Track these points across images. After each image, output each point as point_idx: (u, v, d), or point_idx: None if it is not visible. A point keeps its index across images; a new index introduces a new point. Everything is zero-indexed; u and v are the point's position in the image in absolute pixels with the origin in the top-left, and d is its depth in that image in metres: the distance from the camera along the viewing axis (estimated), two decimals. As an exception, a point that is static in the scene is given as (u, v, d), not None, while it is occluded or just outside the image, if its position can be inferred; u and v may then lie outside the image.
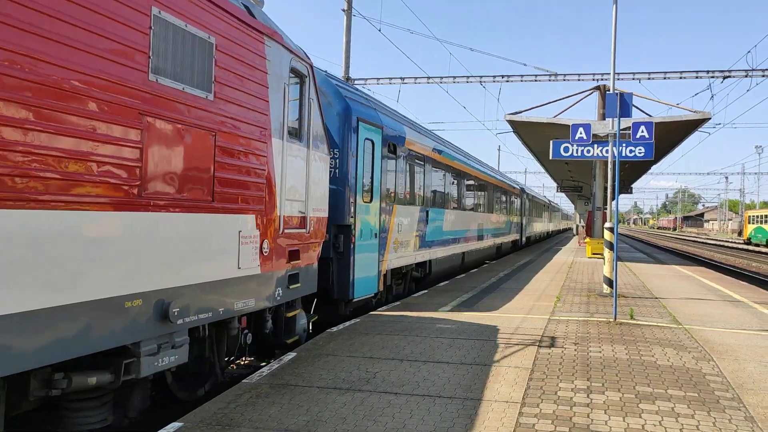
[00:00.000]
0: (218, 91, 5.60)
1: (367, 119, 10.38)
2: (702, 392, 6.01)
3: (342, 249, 9.64)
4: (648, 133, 11.77)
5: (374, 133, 10.66)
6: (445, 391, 5.86)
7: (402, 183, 12.34)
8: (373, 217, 10.51)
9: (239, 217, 5.96)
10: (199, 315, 5.45)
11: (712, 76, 25.62)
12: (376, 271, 10.72)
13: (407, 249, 12.66)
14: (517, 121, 23.96)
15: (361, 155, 10.11)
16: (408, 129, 13.09)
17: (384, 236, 11.06)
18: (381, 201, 10.88)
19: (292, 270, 7.17)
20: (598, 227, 25.92)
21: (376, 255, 10.69)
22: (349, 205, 9.64)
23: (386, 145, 11.30)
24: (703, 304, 12.29)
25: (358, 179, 9.96)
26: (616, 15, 14.96)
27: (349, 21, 23.16)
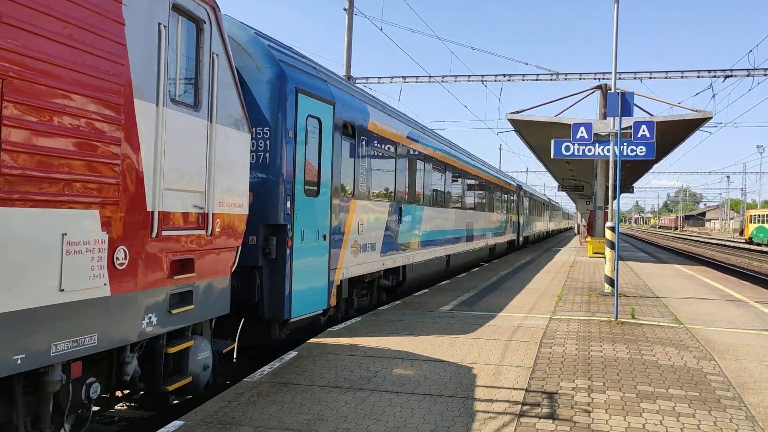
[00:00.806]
0: (4, 12, 3.66)
1: (312, 92, 8.34)
2: (703, 392, 6.01)
3: (275, 255, 7.54)
4: (649, 132, 11.77)
5: (323, 110, 8.58)
6: (446, 391, 5.87)
7: (365, 174, 10.25)
8: (320, 215, 8.49)
9: (62, 212, 4.05)
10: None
11: (714, 76, 25.61)
12: (325, 281, 8.61)
13: (373, 253, 10.68)
14: (519, 120, 23.95)
15: (303, 137, 8.05)
16: (373, 109, 11.02)
17: (338, 238, 9.08)
18: (333, 195, 8.86)
19: (178, 287, 5.19)
20: (599, 226, 25.91)
21: (325, 261, 8.61)
22: (283, 200, 7.63)
23: (342, 127, 9.21)
24: (704, 304, 12.29)
25: (298, 167, 7.91)
26: (617, 14, 14.94)
27: (350, 20, 23.15)
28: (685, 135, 25.92)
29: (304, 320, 8.20)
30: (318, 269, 8.45)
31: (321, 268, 8.55)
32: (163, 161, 4.98)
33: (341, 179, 9.23)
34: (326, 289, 8.69)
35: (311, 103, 8.32)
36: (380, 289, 11.97)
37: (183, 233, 5.30)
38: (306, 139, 8.16)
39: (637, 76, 26.21)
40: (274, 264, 7.58)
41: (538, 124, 23.81)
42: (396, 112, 13.36)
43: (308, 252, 8.16)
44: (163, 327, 5.07)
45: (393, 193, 11.92)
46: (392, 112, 12.89)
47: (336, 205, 9.01)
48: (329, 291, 8.79)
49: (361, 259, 10.07)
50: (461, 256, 18.47)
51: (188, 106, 5.43)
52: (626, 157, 12.72)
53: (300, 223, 7.93)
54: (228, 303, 6.13)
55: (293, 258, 7.72)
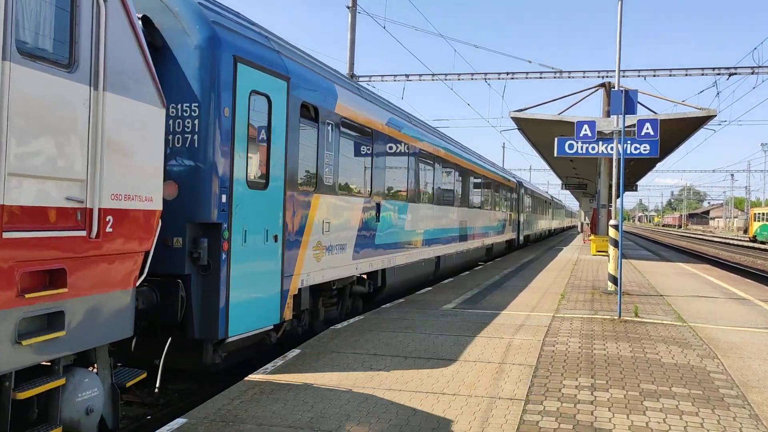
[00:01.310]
0: None
1: (258, 63, 6.96)
2: (706, 390, 6.00)
3: (206, 260, 6.16)
4: (653, 130, 11.75)
5: (273, 87, 7.17)
6: (449, 388, 5.87)
7: (331, 165, 8.85)
8: (270, 212, 7.10)
9: None
10: None
11: (718, 74, 25.53)
12: (277, 290, 7.22)
13: (342, 256, 9.23)
14: (522, 118, 23.91)
15: (244, 117, 6.65)
16: (343, 90, 9.51)
17: (295, 239, 7.68)
18: (288, 188, 7.44)
19: (34, 309, 3.90)
20: (603, 225, 25.87)
21: (276, 266, 7.21)
22: (217, 193, 6.25)
23: (300, 108, 7.82)
24: (708, 302, 12.26)
25: (238, 154, 6.51)
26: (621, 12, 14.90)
27: (353, 18, 23.14)
28: (689, 133, 25.85)
29: (248, 339, 6.81)
30: (266, 276, 7.02)
31: (270, 275, 7.09)
32: (6, 137, 3.68)
33: (299, 170, 7.82)
34: (278, 299, 7.22)
35: (256, 76, 6.89)
36: (354, 296, 10.61)
37: (44, 235, 3.96)
38: (249, 120, 6.72)
39: (640, 74, 26.14)
40: (206, 271, 6.19)
41: (541, 122, 23.77)
42: (374, 97, 11.81)
43: (253, 256, 6.75)
44: (4, 365, 3.70)
45: (369, 187, 10.50)
46: (369, 96, 11.37)
47: (292, 200, 7.58)
48: (282, 302, 7.31)
49: (326, 263, 8.63)
50: (453, 258, 17.01)
51: (56, 65, 4.06)
52: (630, 155, 12.69)
53: (241, 222, 6.53)
54: (130, 324, 4.83)
55: (231, 263, 6.34)
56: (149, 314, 5.87)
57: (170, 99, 6.10)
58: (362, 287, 10.71)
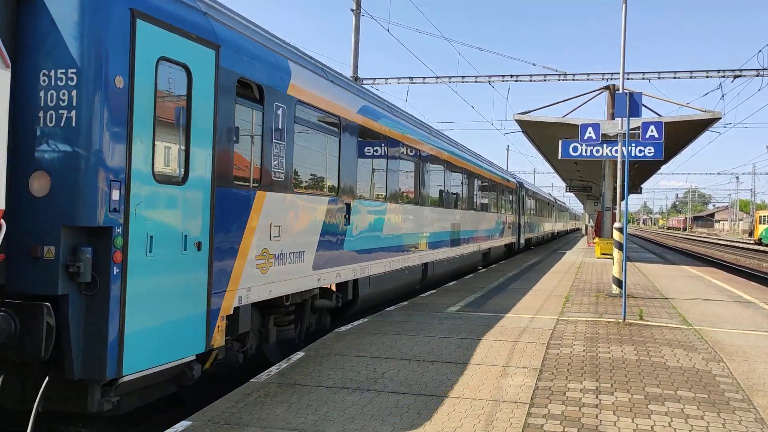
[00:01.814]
0: None
1: (171, 23, 5.46)
2: (712, 393, 5.97)
3: (89, 276, 4.80)
4: (658, 132, 11.72)
5: (195, 55, 5.70)
6: (453, 391, 5.86)
7: (282, 156, 7.39)
8: (190, 213, 5.64)
9: None
10: None
11: (723, 76, 25.47)
12: (202, 310, 5.77)
13: (299, 266, 7.83)
14: (526, 120, 23.91)
15: (149, 90, 5.19)
16: (299, 69, 8.01)
17: (230, 246, 6.29)
18: (219, 183, 6.05)
19: None
20: (607, 227, 25.82)
21: (200, 281, 5.75)
22: (104, 188, 4.86)
23: (236, 85, 6.41)
24: (713, 305, 12.22)
25: (140, 137, 5.07)
26: (625, 14, 14.91)
27: (357, 21, 23.18)
28: (693, 135, 25.80)
29: (154, 376, 5.33)
30: (183, 294, 5.56)
31: (190, 293, 5.64)
32: None
33: (235, 162, 6.40)
34: (201, 322, 5.78)
35: (168, 40, 5.39)
36: (320, 312, 9.31)
37: None
38: (156, 96, 5.26)
39: (645, 77, 26.10)
40: (91, 291, 4.83)
41: (545, 124, 23.76)
42: (345, 81, 10.30)
43: (162, 269, 5.30)
44: None
45: (336, 185, 9.03)
46: (337, 80, 9.75)
47: (225, 198, 6.18)
48: (209, 325, 5.87)
49: (276, 275, 7.22)
50: (443, 264, 15.56)
51: None
52: (634, 157, 12.67)
53: (144, 225, 5.12)
54: None
55: (128, 279, 4.94)
56: (3, 349, 4.58)
57: (40, 62, 4.84)
58: (328, 301, 9.19)
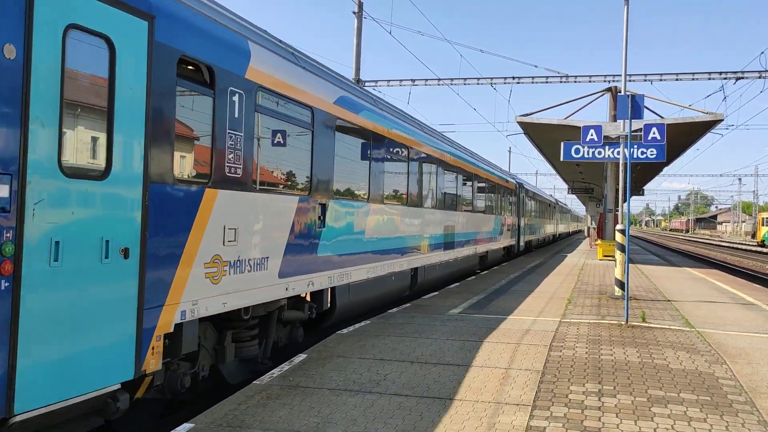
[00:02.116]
0: None
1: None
2: (715, 396, 5.96)
3: None
4: (660, 134, 11.72)
5: (120, 26, 4.90)
6: (456, 394, 5.86)
7: (239, 149, 6.49)
8: (113, 213, 4.85)
9: None
10: None
11: (725, 78, 25.45)
12: (129, 329, 4.93)
13: (260, 274, 6.89)
14: (528, 122, 23.91)
15: (53, 63, 4.40)
16: (261, 50, 7.12)
17: (170, 253, 5.44)
18: (154, 178, 5.23)
19: None
20: (609, 229, 25.79)
21: (125, 295, 4.90)
22: None
23: (178, 65, 5.53)
24: (715, 307, 12.20)
25: (37, 121, 4.28)
26: (627, 16, 14.90)
27: (359, 24, 23.21)
28: (696, 137, 25.79)
29: (62, 412, 4.46)
30: (104, 311, 4.73)
31: (114, 309, 4.82)
32: None
33: (175, 154, 5.51)
34: (129, 344, 4.93)
35: (81, 4, 4.61)
36: (292, 324, 8.50)
37: None
38: (64, 72, 4.45)
39: (647, 78, 26.10)
40: None
41: (547, 126, 23.77)
42: (319, 68, 9.25)
43: (73, 281, 4.50)
44: None
45: (308, 183, 8.15)
46: (310, 66, 8.80)
47: (162, 196, 5.33)
48: (141, 347, 5.03)
49: (232, 285, 6.32)
50: (435, 269, 14.62)
51: None
52: (636, 159, 12.67)
53: (46, 228, 4.32)
54: None
55: (22, 295, 4.13)
56: None
57: None
58: (299, 312, 8.32)
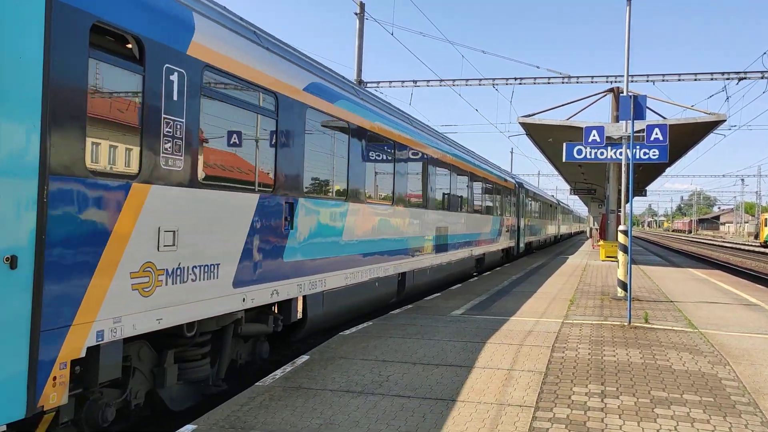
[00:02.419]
0: None
1: None
2: (718, 397, 5.95)
3: None
4: (662, 135, 11.71)
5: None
6: (458, 395, 5.85)
7: (179, 137, 5.57)
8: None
9: None
10: None
11: (728, 78, 25.40)
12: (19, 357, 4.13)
13: (208, 283, 5.95)
14: (530, 123, 23.90)
15: None
16: (208, 24, 6.21)
17: (81, 261, 4.61)
18: (57, 170, 4.41)
19: None
20: (612, 230, 25.77)
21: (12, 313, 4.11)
22: None
23: (91, 32, 4.71)
24: (718, 308, 12.18)
25: None
26: (629, 16, 14.89)
27: (361, 25, 23.23)
28: (698, 138, 25.75)
29: None
30: None
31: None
32: None
33: (87, 142, 4.69)
34: (20, 375, 4.12)
35: None
36: (256, 339, 7.60)
37: None
38: None
39: (649, 79, 26.06)
40: None
41: (549, 127, 23.76)
42: (286, 50, 8.17)
43: None
44: None
45: (272, 179, 7.20)
46: (272, 45, 7.69)
47: (68, 192, 4.50)
48: (35, 378, 4.20)
49: (169, 297, 5.41)
50: (426, 273, 13.66)
51: None
52: (639, 160, 12.66)
53: None
54: None
55: None
56: None
57: None
58: (261, 325, 7.35)
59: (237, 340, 7.10)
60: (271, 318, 7.50)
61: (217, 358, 6.71)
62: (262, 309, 7.39)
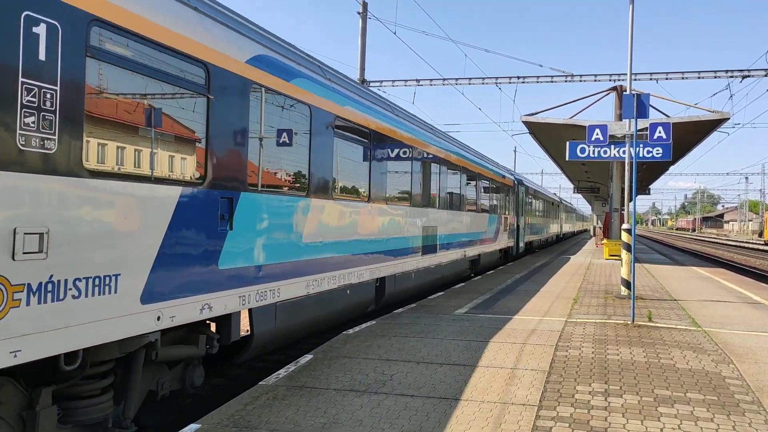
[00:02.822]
0: None
1: None
2: (722, 395, 5.94)
3: None
4: (665, 133, 11.69)
5: None
6: (462, 394, 5.86)
7: (51, 110, 4.29)
8: None
9: None
10: None
11: (731, 76, 25.35)
12: None
13: (105, 299, 4.69)
14: (533, 122, 23.89)
15: None
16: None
17: None
18: None
19: None
20: (615, 228, 25.73)
21: None
22: None
23: None
24: (722, 306, 12.15)
25: None
26: (632, 14, 14.85)
27: (364, 24, 23.23)
28: (702, 136, 25.69)
29: None
30: None
31: None
32: None
33: None
34: None
35: None
36: (184, 365, 6.21)
37: None
38: None
39: (652, 77, 26.01)
40: None
41: (552, 126, 23.74)
42: (223, 13, 6.80)
43: None
44: None
45: (202, 168, 5.96)
46: (206, 6, 6.41)
47: None
48: None
49: (36, 322, 4.10)
50: (411, 278, 12.36)
51: None
52: (642, 158, 12.65)
53: None
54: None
55: None
56: None
57: None
58: (189, 347, 6.05)
59: (157, 366, 5.82)
60: (203, 338, 6.15)
61: (127, 391, 5.34)
62: (193, 327, 6.08)
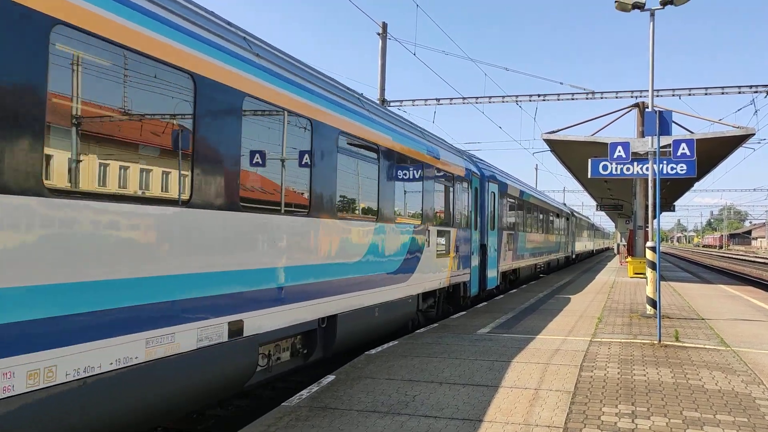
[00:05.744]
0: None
1: None
2: (752, 417, 5.81)
3: None
4: (689, 150, 11.56)
5: None
6: (485, 415, 5.80)
7: None
8: None
9: None
10: None
11: (756, 91, 25.03)
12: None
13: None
14: (555, 140, 23.78)
15: None
16: None
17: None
18: None
19: None
20: (639, 246, 25.39)
21: None
22: None
23: None
24: (752, 325, 11.90)
25: None
26: (653, 31, 14.81)
27: (384, 44, 23.44)
28: (727, 152, 25.35)
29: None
30: None
31: None
32: None
33: None
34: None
35: None
36: None
37: None
38: None
39: (675, 93, 25.78)
40: None
41: (574, 143, 23.59)
42: None
43: None
44: None
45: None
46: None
47: None
48: None
49: None
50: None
51: None
52: (666, 175, 12.50)
53: None
54: None
55: None
56: None
57: None
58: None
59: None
60: None
61: None
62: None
